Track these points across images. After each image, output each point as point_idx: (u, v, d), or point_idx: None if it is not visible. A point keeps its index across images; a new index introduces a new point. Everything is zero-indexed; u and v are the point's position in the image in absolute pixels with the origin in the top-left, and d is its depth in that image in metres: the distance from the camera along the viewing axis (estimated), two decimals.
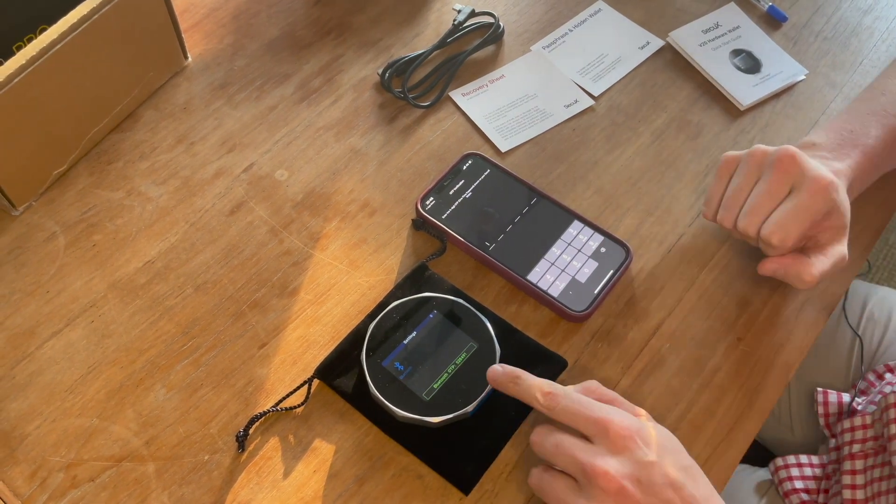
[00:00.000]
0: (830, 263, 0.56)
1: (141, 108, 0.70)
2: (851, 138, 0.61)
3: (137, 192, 0.65)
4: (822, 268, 0.56)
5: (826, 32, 0.78)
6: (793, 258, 0.57)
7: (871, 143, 0.61)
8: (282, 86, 0.72)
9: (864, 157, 0.60)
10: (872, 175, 0.62)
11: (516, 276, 0.60)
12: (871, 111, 0.62)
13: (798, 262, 0.56)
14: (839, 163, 0.59)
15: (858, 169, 0.60)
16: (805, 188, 0.54)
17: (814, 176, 0.54)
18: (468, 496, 0.53)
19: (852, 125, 0.62)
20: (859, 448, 0.62)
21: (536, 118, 0.71)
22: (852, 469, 0.62)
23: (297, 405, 0.56)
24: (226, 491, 0.53)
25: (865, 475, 0.61)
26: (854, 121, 0.62)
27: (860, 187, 0.62)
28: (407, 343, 0.56)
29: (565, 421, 0.48)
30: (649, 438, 0.47)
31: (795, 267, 0.56)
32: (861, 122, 0.62)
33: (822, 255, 0.57)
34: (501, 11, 0.78)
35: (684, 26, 0.77)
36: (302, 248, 0.63)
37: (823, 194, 0.54)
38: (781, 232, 0.55)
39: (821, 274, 0.56)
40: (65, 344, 0.58)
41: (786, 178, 0.55)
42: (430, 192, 0.64)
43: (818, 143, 0.61)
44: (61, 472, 0.53)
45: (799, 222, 0.55)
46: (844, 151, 0.60)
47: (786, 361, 0.60)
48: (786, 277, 0.57)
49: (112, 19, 0.61)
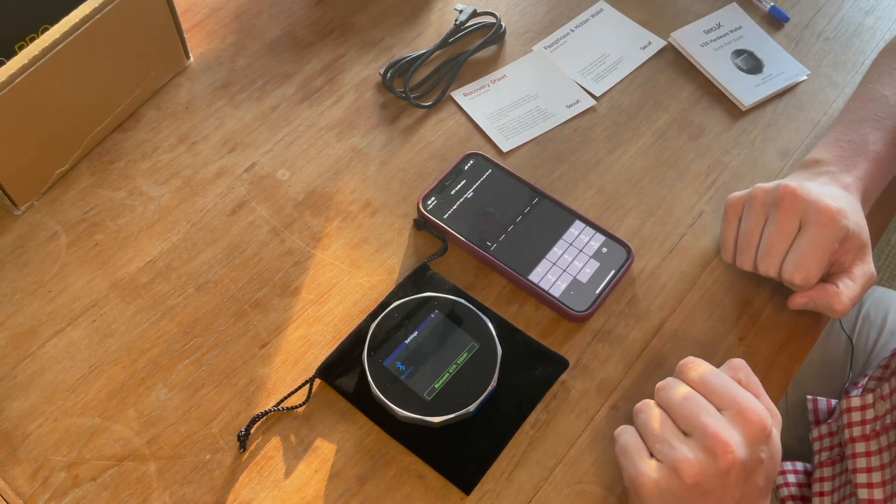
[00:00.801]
0: (860, 287, 0.56)
1: (143, 107, 0.70)
2: (852, 148, 0.61)
3: (139, 192, 0.65)
4: (852, 294, 0.56)
5: (828, 33, 0.78)
6: (821, 290, 0.56)
7: (874, 149, 0.61)
8: (283, 86, 0.72)
9: (871, 164, 0.60)
10: (883, 180, 0.62)
11: (518, 276, 0.60)
12: (863, 119, 0.63)
13: (827, 294, 0.56)
14: (847, 175, 0.59)
15: (868, 177, 0.60)
16: (813, 222, 0.54)
17: (819, 209, 0.54)
18: (469, 496, 0.53)
19: (850, 136, 0.62)
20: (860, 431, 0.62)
21: (538, 118, 0.71)
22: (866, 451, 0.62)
23: (299, 405, 0.56)
24: (227, 490, 0.53)
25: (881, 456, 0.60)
26: (850, 132, 0.62)
27: (874, 194, 0.62)
28: (408, 343, 0.56)
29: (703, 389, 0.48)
30: (772, 439, 0.47)
31: (825, 299, 0.56)
32: (857, 131, 0.62)
33: (850, 281, 0.56)
34: (503, 11, 0.78)
35: (686, 26, 0.77)
36: (303, 247, 0.63)
37: (833, 225, 0.54)
38: (802, 271, 0.55)
39: (851, 301, 0.56)
40: (66, 343, 0.58)
41: (792, 214, 0.55)
42: (431, 192, 0.64)
43: (822, 160, 0.61)
44: (63, 472, 0.53)
45: (817, 258, 0.55)
46: (850, 162, 0.60)
47: (787, 362, 0.60)
48: (816, 308, 0.57)
49: (114, 19, 0.61)
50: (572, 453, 0.55)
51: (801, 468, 0.70)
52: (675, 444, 0.46)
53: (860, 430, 0.61)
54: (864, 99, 0.64)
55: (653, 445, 0.48)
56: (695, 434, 0.46)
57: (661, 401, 0.49)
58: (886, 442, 0.59)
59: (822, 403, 0.70)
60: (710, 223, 0.65)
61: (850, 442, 0.62)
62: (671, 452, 0.46)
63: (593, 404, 0.57)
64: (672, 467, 0.46)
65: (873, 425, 0.61)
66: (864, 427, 0.61)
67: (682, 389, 0.49)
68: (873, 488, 0.59)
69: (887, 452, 0.59)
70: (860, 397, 0.62)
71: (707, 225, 0.65)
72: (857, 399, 0.62)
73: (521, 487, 0.54)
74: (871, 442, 0.61)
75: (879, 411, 0.61)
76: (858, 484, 0.60)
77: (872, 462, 0.60)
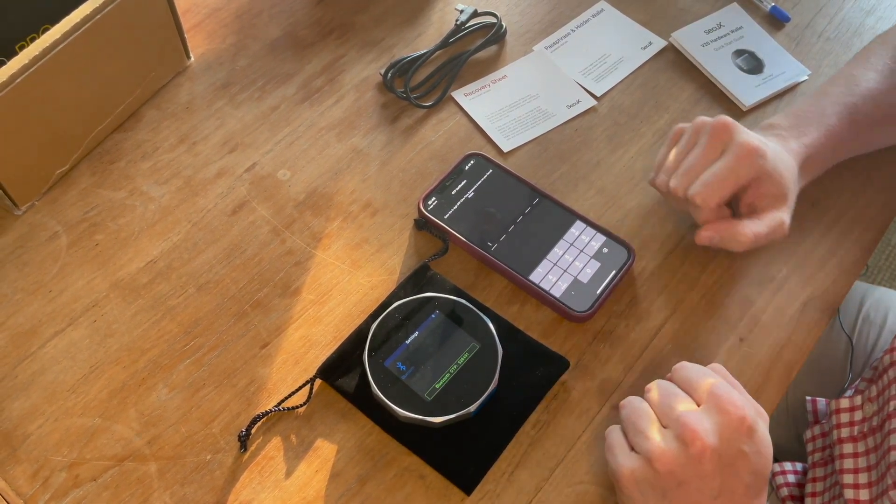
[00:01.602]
0: (766, 227, 0.58)
1: (143, 107, 0.70)
2: (808, 118, 0.63)
3: (140, 192, 0.65)
4: (756, 229, 0.57)
5: (829, 33, 0.78)
6: (727, 222, 0.58)
7: (828, 122, 0.62)
8: (284, 86, 0.72)
9: (822, 135, 0.62)
10: (834, 153, 0.64)
11: (518, 276, 0.60)
12: (828, 94, 0.65)
13: (731, 225, 0.58)
14: (795, 141, 0.61)
15: (815, 146, 0.61)
16: (732, 152, 0.56)
17: (741, 141, 0.56)
18: (470, 496, 0.53)
19: (809, 108, 0.64)
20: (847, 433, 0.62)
21: (539, 118, 0.71)
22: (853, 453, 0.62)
23: (299, 405, 0.56)
24: (228, 490, 0.53)
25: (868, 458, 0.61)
26: (812, 105, 0.64)
27: (821, 165, 0.63)
28: (409, 343, 0.56)
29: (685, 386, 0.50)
30: (754, 432, 0.48)
31: (729, 230, 0.58)
32: (819, 104, 0.64)
33: (758, 219, 0.58)
34: (504, 11, 0.78)
35: (687, 27, 0.77)
36: (304, 248, 0.63)
37: (749, 159, 0.56)
38: (704, 191, 0.57)
39: (755, 235, 0.57)
40: (67, 343, 0.58)
41: (718, 143, 0.57)
42: (432, 193, 0.64)
43: (776, 124, 0.63)
44: (63, 472, 0.53)
45: (721, 183, 0.57)
46: (801, 130, 0.62)
47: (787, 362, 0.60)
48: (722, 242, 0.58)
49: (114, 19, 0.61)
50: (573, 454, 0.55)
51: (800, 468, 0.70)
52: (650, 436, 0.48)
53: (848, 431, 0.61)
54: (836, 79, 0.66)
55: (632, 438, 0.49)
56: (671, 426, 0.48)
57: (647, 400, 0.51)
58: (873, 444, 0.59)
59: (822, 404, 0.70)
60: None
61: (838, 443, 0.62)
62: (645, 443, 0.48)
63: (594, 405, 0.57)
64: (646, 457, 0.47)
65: (861, 427, 0.61)
66: (853, 428, 0.61)
67: (666, 387, 0.50)
68: (859, 489, 0.59)
69: (874, 454, 0.59)
70: (850, 399, 0.62)
71: None
72: (847, 401, 0.62)
73: (521, 488, 0.54)
74: (859, 443, 0.61)
75: (867, 413, 0.61)
76: (845, 485, 0.60)
77: (860, 463, 0.60)
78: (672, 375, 0.52)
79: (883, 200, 0.67)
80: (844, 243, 0.65)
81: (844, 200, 0.67)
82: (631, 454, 0.49)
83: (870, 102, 0.64)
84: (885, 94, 0.64)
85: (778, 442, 0.81)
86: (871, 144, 0.67)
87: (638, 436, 0.49)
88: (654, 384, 0.51)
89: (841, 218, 0.66)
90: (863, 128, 0.64)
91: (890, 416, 0.57)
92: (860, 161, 0.68)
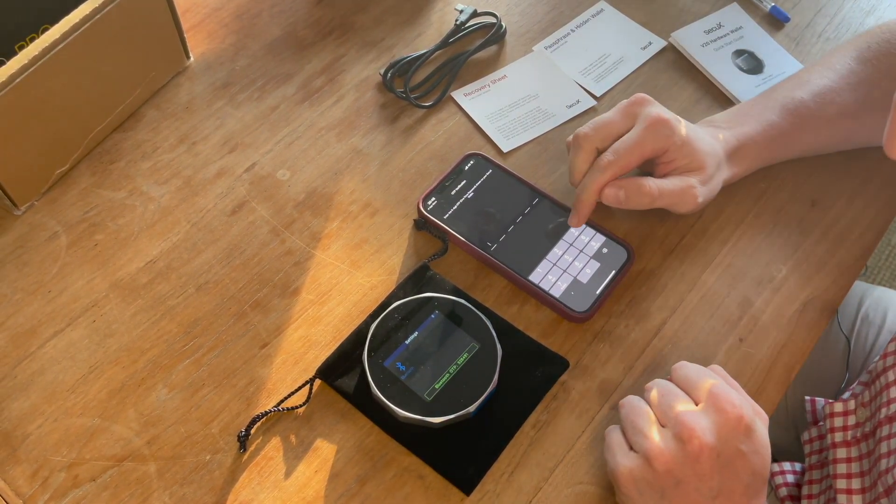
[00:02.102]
0: (672, 184, 0.58)
1: (143, 107, 0.70)
2: (748, 113, 0.64)
3: (139, 192, 0.65)
4: (663, 185, 0.58)
5: (828, 33, 0.78)
6: (631, 178, 0.59)
7: (770, 117, 0.63)
8: (284, 86, 0.72)
9: (762, 128, 0.63)
10: (778, 148, 0.64)
11: (518, 276, 0.60)
12: (776, 93, 0.65)
13: (635, 179, 0.58)
14: (728, 131, 0.62)
15: (752, 137, 0.62)
16: (640, 123, 0.58)
17: (650, 112, 0.58)
18: (469, 496, 0.53)
19: (752, 107, 0.65)
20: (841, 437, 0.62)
21: (538, 118, 0.71)
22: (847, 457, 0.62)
23: (299, 405, 0.56)
24: (227, 491, 0.53)
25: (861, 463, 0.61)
26: (756, 104, 0.65)
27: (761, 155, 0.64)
28: (408, 343, 0.56)
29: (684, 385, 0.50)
30: (752, 431, 0.48)
31: (633, 184, 0.58)
32: (763, 102, 0.65)
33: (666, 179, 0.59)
34: (503, 11, 0.78)
35: (686, 27, 0.77)
36: (304, 248, 0.63)
37: (655, 129, 0.57)
38: (612, 156, 0.57)
39: (659, 189, 0.58)
40: (66, 343, 0.58)
41: (630, 110, 0.59)
42: (431, 193, 0.64)
43: (715, 119, 0.64)
44: (63, 472, 0.53)
45: (628, 152, 0.57)
46: (738, 121, 0.63)
47: (787, 362, 0.60)
48: (627, 200, 0.58)
49: (114, 19, 0.61)
50: (572, 454, 0.55)
51: (799, 468, 0.70)
52: (648, 435, 0.48)
53: (842, 435, 0.61)
54: (791, 77, 0.67)
55: (631, 437, 0.49)
56: (669, 424, 0.48)
57: (647, 399, 0.51)
58: (866, 449, 0.59)
59: (820, 404, 0.70)
60: (712, 224, 0.65)
61: (832, 447, 0.62)
62: (644, 442, 0.48)
63: (594, 405, 0.57)
64: (644, 456, 0.48)
65: (854, 431, 0.60)
66: (847, 433, 0.61)
67: (664, 385, 0.51)
68: (852, 494, 0.59)
69: (867, 460, 0.59)
70: (844, 402, 0.62)
71: (708, 226, 0.65)
72: (841, 404, 0.62)
73: (521, 488, 0.54)
74: (852, 448, 0.60)
75: (860, 418, 0.60)
76: (838, 489, 0.59)
77: (853, 468, 0.60)
78: (672, 375, 0.52)
79: (882, 200, 0.67)
80: (844, 243, 0.65)
81: (844, 201, 0.67)
82: (630, 453, 0.49)
83: (819, 99, 0.64)
84: (838, 92, 0.64)
85: (777, 442, 0.81)
86: (827, 143, 0.67)
87: (637, 435, 0.49)
88: (654, 383, 0.51)
89: (841, 218, 0.66)
90: (810, 126, 0.64)
91: (881, 422, 0.57)
92: (859, 161, 0.68)
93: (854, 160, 0.68)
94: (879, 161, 0.68)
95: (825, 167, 0.67)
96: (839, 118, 0.64)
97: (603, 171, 0.58)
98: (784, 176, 0.67)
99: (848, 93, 0.64)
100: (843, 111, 0.64)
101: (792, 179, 0.67)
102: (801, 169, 0.67)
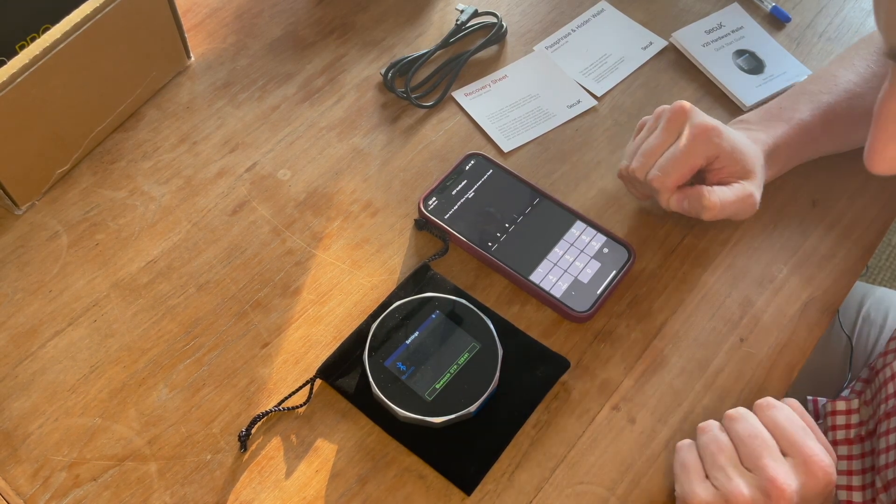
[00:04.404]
0: (732, 194, 0.58)
1: (144, 107, 0.70)
2: (779, 113, 0.64)
3: (140, 192, 0.65)
4: (723, 196, 0.58)
5: (829, 33, 0.78)
6: (694, 188, 0.58)
7: (801, 118, 0.63)
8: (284, 85, 0.72)
9: (793, 130, 0.62)
10: (807, 148, 0.64)
11: (519, 276, 0.60)
12: (805, 91, 0.65)
13: (698, 189, 0.58)
14: (763, 133, 0.62)
15: (785, 139, 0.62)
16: (687, 134, 0.57)
17: (696, 122, 0.57)
18: (470, 496, 0.53)
19: (783, 104, 0.65)
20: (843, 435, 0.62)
21: (539, 118, 0.71)
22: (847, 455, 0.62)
23: (300, 405, 0.56)
24: (228, 490, 0.53)
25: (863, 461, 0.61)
26: (787, 101, 0.65)
27: (791, 156, 0.64)
28: (409, 343, 0.56)
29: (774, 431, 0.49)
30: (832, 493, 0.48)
31: (695, 194, 0.58)
32: (792, 101, 0.64)
33: (726, 188, 0.58)
34: (504, 11, 0.78)
35: (687, 27, 0.77)
36: (304, 247, 0.63)
37: (703, 138, 0.57)
38: (661, 173, 0.57)
39: (721, 201, 0.57)
40: (67, 343, 0.58)
41: (674, 126, 0.58)
42: (432, 192, 0.64)
43: (746, 119, 0.64)
44: (63, 472, 0.53)
45: (678, 165, 0.57)
46: (771, 123, 0.63)
47: (788, 362, 0.60)
48: (690, 208, 0.58)
49: (115, 19, 0.61)
50: (573, 454, 0.55)
51: None
52: (732, 476, 0.47)
53: (844, 433, 0.61)
54: (815, 77, 0.67)
55: (710, 470, 0.48)
56: (755, 472, 0.47)
57: (729, 429, 0.50)
58: (869, 448, 0.59)
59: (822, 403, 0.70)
60: (712, 224, 0.65)
61: (833, 445, 0.62)
62: (727, 483, 0.47)
63: (594, 405, 0.57)
64: (725, 497, 0.47)
65: (858, 430, 0.61)
66: (848, 431, 0.61)
67: (753, 425, 0.49)
68: (852, 491, 0.59)
69: (869, 458, 0.59)
70: (845, 401, 0.62)
71: (709, 226, 0.65)
72: (843, 403, 0.62)
73: (521, 488, 0.54)
74: (854, 446, 0.61)
75: (863, 416, 0.61)
76: (839, 486, 0.60)
77: (853, 466, 0.60)
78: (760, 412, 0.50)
79: (883, 201, 0.67)
80: (845, 244, 0.65)
81: (845, 201, 0.67)
82: (706, 484, 0.48)
83: (846, 103, 0.64)
84: (862, 97, 0.64)
85: None
86: (851, 143, 0.67)
87: (718, 471, 0.48)
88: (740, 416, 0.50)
89: (841, 218, 0.66)
90: (838, 127, 0.64)
91: (881, 418, 0.57)
92: (860, 161, 0.68)
93: (854, 160, 0.68)
94: None
95: (825, 167, 0.67)
96: (863, 121, 0.64)
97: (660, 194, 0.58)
98: (784, 176, 0.67)
99: (870, 95, 0.64)
100: (868, 113, 0.64)
101: (792, 179, 0.67)
102: (802, 169, 0.67)
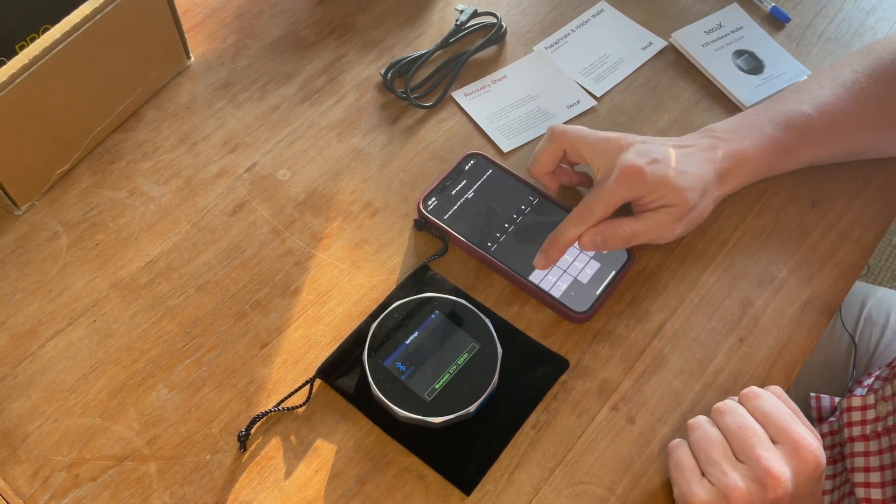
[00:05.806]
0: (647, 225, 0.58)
1: (143, 107, 0.70)
2: (750, 124, 0.63)
3: (140, 192, 0.65)
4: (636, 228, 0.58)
5: (829, 33, 0.78)
6: (605, 223, 0.58)
7: (772, 133, 0.62)
8: (284, 86, 0.72)
9: (762, 144, 0.62)
10: (782, 161, 0.64)
11: (518, 276, 0.60)
12: (784, 100, 0.64)
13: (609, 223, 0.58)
14: (726, 146, 0.61)
15: (753, 150, 0.61)
16: (615, 172, 0.57)
17: (624, 160, 0.57)
18: (470, 497, 0.53)
19: (757, 115, 0.63)
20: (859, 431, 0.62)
21: (539, 118, 0.71)
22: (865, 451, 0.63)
23: (299, 405, 0.56)
24: (227, 491, 0.53)
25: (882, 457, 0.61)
26: (760, 113, 0.64)
27: (761, 169, 0.63)
28: (409, 343, 0.56)
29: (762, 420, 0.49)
30: (823, 475, 0.49)
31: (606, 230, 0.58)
32: (767, 114, 0.63)
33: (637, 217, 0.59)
34: (504, 12, 0.78)
35: (687, 27, 0.77)
36: (304, 248, 0.63)
37: (628, 181, 0.57)
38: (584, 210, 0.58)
39: (633, 232, 0.58)
40: (67, 343, 0.58)
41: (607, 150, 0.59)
42: (431, 193, 0.64)
43: (715, 129, 0.63)
44: (63, 472, 0.53)
45: (602, 207, 0.57)
46: (741, 133, 0.62)
47: (788, 363, 0.60)
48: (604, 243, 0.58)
49: (115, 19, 0.61)
50: (573, 454, 0.55)
51: None
52: (727, 471, 0.48)
53: (860, 429, 0.62)
54: (797, 86, 0.66)
55: (706, 467, 0.49)
56: (748, 463, 0.48)
57: (718, 423, 0.50)
58: (888, 444, 0.59)
59: (826, 401, 0.70)
60: (712, 224, 0.65)
61: (849, 441, 0.62)
62: (723, 478, 0.47)
63: (594, 405, 0.57)
64: (723, 492, 0.47)
65: (874, 426, 0.61)
66: (865, 427, 0.61)
67: (742, 416, 0.50)
68: (871, 488, 0.59)
69: (888, 454, 0.59)
70: (862, 397, 0.62)
71: (708, 226, 0.65)
72: (859, 399, 0.62)
73: (521, 488, 0.54)
74: (871, 442, 0.61)
75: (881, 412, 0.61)
76: (856, 483, 0.60)
77: (871, 462, 0.60)
78: (746, 402, 0.51)
79: (882, 200, 0.67)
80: (844, 244, 0.65)
81: (844, 201, 0.67)
82: (704, 482, 0.48)
83: (826, 116, 0.62)
84: (844, 110, 0.63)
85: None
86: (838, 157, 0.66)
87: (713, 467, 0.48)
88: (728, 408, 0.50)
89: (841, 218, 0.66)
90: (815, 139, 0.63)
91: None
92: (860, 161, 0.68)
93: (854, 160, 0.68)
94: (879, 161, 0.68)
95: (825, 167, 0.67)
96: (845, 134, 0.64)
97: (577, 226, 0.58)
98: (784, 176, 0.67)
99: (855, 109, 0.63)
100: (851, 128, 0.63)
101: (792, 179, 0.67)
102: (802, 169, 0.67)
